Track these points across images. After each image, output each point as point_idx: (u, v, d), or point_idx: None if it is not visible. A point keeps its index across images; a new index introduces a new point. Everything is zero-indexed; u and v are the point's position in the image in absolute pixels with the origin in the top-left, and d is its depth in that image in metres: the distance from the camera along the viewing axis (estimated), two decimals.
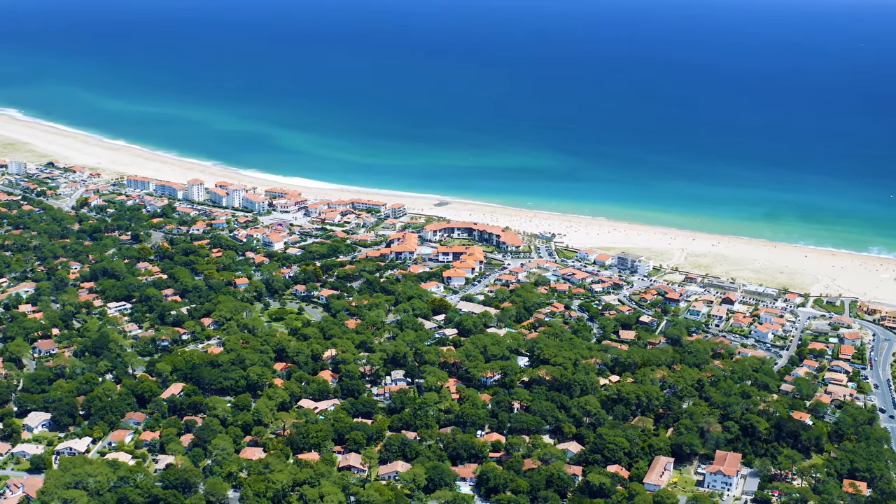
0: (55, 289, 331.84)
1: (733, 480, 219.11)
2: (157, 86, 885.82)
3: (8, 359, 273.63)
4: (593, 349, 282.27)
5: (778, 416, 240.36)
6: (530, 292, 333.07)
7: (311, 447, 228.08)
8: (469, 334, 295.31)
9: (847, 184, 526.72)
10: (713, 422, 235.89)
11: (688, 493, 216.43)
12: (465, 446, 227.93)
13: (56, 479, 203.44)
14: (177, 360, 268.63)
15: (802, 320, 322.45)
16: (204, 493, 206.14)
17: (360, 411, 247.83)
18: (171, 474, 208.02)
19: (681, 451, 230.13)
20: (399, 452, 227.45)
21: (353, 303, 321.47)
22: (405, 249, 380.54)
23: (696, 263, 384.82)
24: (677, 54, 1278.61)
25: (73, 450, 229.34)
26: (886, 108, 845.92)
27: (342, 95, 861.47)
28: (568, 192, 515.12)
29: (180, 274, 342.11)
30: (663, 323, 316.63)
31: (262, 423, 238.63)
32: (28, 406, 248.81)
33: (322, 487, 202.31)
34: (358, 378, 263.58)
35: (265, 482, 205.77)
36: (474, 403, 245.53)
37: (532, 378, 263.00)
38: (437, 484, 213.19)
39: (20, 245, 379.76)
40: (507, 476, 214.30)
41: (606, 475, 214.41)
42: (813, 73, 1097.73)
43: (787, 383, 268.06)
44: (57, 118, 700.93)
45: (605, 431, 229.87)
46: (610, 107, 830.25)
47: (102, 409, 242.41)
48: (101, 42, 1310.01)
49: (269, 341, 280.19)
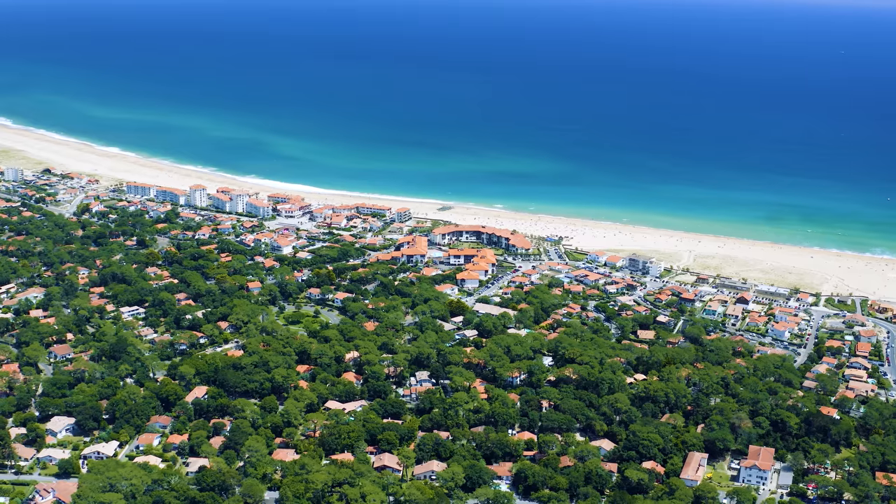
0: (65, 294, 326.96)
1: (768, 474, 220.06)
2: (146, 94, 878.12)
3: (25, 363, 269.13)
4: (616, 348, 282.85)
5: (807, 411, 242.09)
6: (546, 294, 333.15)
7: (343, 448, 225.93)
8: (489, 335, 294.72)
9: (845, 187, 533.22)
10: (744, 417, 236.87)
11: (724, 488, 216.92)
12: (500, 445, 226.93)
13: (90, 482, 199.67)
14: (199, 364, 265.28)
15: (817, 319, 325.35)
16: (241, 494, 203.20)
17: (389, 412, 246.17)
18: (207, 476, 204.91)
19: (714, 447, 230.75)
20: (433, 452, 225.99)
21: (371, 305, 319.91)
22: (416, 252, 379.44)
23: (705, 265, 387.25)
24: (670, 61, 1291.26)
25: (100, 454, 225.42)
26: (875, 113, 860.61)
27: (334, 103, 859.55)
28: (568, 196, 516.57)
29: (192, 278, 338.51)
30: (680, 323, 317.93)
31: (291, 424, 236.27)
32: (50, 410, 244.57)
33: (363, 487, 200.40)
34: (383, 379, 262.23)
35: (303, 483, 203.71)
36: (504, 403, 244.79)
37: (559, 377, 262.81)
38: (476, 482, 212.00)
39: (24, 251, 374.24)
40: (546, 473, 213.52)
41: (643, 471, 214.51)
42: (800, 81, 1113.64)
43: (808, 380, 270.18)
44: (48, 126, 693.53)
45: (638, 428, 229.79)
46: (604, 113, 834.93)
47: (128, 413, 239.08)
48: (85, 51, 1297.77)
49: (292, 343, 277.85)
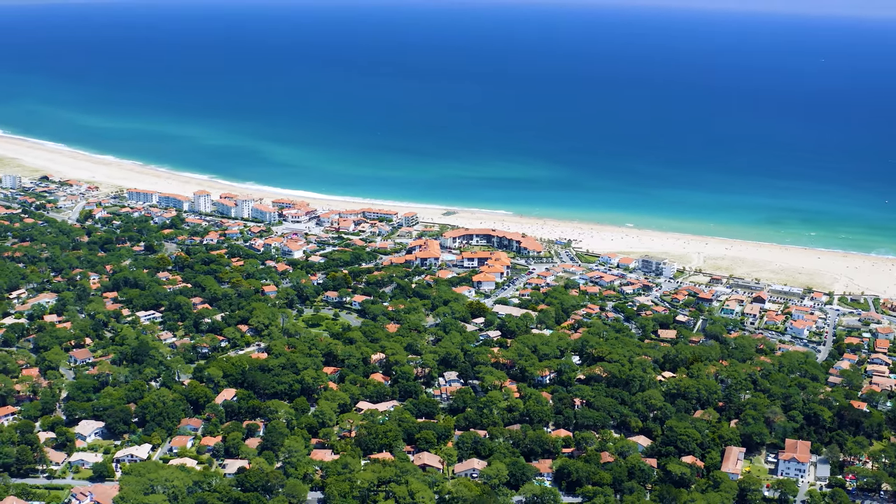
0: (78, 298, 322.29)
1: (807, 467, 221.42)
2: (136, 104, 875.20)
3: (46, 368, 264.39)
4: (643, 346, 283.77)
5: (838, 405, 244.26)
6: (565, 295, 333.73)
7: (381, 447, 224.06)
8: (512, 336, 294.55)
9: (841, 191, 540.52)
10: (778, 412, 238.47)
11: (765, 481, 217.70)
12: (538, 442, 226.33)
13: (132, 485, 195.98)
14: (225, 366, 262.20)
15: (832, 317, 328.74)
16: (285, 494, 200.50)
17: (423, 411, 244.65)
18: (251, 476, 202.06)
19: (750, 441, 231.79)
20: (472, 450, 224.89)
21: (391, 307, 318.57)
22: (429, 255, 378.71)
23: (715, 266, 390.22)
24: (654, 71, 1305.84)
25: (133, 457, 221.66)
26: (864, 120, 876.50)
27: (328, 112, 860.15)
28: (569, 201, 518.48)
29: (206, 282, 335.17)
30: (699, 322, 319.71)
31: (326, 424, 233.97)
32: (77, 414, 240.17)
33: (410, 485, 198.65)
34: (413, 380, 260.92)
35: (347, 482, 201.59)
36: (538, 401, 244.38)
37: (588, 375, 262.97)
38: (519, 479, 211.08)
39: (31, 257, 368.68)
40: (589, 469, 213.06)
41: (685, 465, 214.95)
42: (785, 89, 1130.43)
43: (832, 376, 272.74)
44: (40, 135, 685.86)
45: (674, 424, 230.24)
46: (603, 120, 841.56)
47: (158, 416, 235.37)
48: (71, 61, 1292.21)
49: (318, 345, 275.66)
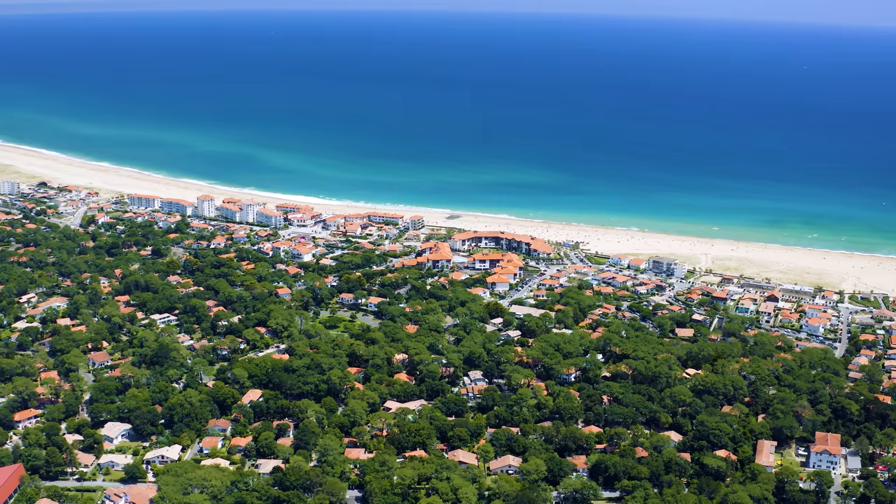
0: (90, 302, 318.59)
1: (838, 459, 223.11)
2: (129, 112, 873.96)
3: (66, 370, 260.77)
4: (665, 344, 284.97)
5: (863, 398, 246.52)
6: (581, 295, 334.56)
7: (414, 445, 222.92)
8: (532, 335, 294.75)
9: (839, 194, 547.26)
10: (806, 406, 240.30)
11: (799, 473, 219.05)
12: (571, 438, 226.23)
13: (171, 485, 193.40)
14: (250, 367, 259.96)
15: (845, 315, 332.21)
16: (325, 492, 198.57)
17: (452, 410, 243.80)
18: (291, 475, 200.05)
19: (780, 435, 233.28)
20: (506, 447, 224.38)
21: (408, 308, 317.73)
22: (441, 258, 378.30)
23: (723, 266, 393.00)
24: (645, 77, 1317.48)
25: (164, 458, 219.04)
26: (855, 126, 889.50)
27: (324, 120, 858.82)
28: (572, 204, 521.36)
29: (219, 285, 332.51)
30: (715, 321, 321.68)
31: (357, 423, 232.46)
32: (103, 416, 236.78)
33: (453, 481, 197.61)
34: (438, 379, 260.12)
35: (387, 479, 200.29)
36: (568, 398, 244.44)
37: (614, 373, 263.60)
38: (557, 475, 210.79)
39: (38, 261, 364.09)
40: (626, 463, 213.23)
41: (720, 459, 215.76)
42: (772, 96, 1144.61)
43: (852, 371, 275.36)
44: (34, 143, 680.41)
45: (705, 419, 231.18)
46: (600, 126, 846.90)
47: (186, 417, 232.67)
48: (62, 71, 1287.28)
49: (341, 346, 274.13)
